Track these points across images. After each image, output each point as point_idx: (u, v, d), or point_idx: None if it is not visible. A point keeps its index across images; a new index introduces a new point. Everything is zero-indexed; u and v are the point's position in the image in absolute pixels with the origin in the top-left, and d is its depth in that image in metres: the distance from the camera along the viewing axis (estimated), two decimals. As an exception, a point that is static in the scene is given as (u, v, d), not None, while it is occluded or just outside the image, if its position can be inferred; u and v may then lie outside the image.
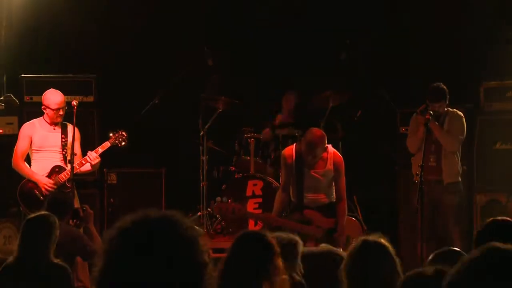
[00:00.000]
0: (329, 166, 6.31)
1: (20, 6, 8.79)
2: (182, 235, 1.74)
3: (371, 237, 3.29)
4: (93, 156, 7.00)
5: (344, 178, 6.37)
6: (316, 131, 6.37)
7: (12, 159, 7.06)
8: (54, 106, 6.99)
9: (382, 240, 3.26)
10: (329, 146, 6.43)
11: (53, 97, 7.04)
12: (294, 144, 6.51)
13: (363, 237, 3.32)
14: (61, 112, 7.01)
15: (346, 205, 6.35)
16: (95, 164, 7.06)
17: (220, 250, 6.36)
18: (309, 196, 6.32)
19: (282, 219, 6.31)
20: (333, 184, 6.36)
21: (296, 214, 6.32)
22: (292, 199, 6.39)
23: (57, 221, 4.61)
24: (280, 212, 6.42)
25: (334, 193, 6.37)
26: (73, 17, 9.00)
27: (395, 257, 3.23)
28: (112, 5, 9.15)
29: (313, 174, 6.31)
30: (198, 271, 1.73)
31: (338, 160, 6.34)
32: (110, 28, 9.09)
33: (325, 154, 6.31)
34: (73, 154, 6.88)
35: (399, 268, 3.21)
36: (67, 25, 8.96)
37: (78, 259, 5.79)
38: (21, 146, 7.07)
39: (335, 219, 6.27)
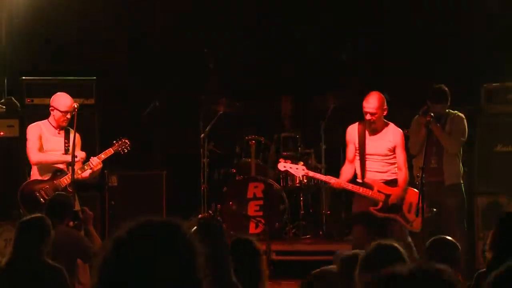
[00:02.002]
0: (389, 138, 6.66)
1: (21, 8, 8.80)
2: (179, 242, 1.73)
3: (385, 241, 3.26)
4: (95, 162, 7.01)
5: (404, 150, 6.72)
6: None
7: (29, 156, 6.96)
8: (63, 108, 6.99)
9: (396, 244, 3.23)
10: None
11: (63, 100, 7.04)
12: (357, 122, 6.81)
13: (377, 241, 3.28)
14: (68, 116, 7.02)
15: (406, 175, 6.67)
16: (96, 170, 7.07)
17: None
18: (371, 169, 6.66)
19: (347, 183, 6.64)
20: (394, 159, 6.69)
21: (359, 182, 6.68)
22: (358, 172, 6.71)
23: (50, 223, 4.60)
24: (346, 181, 6.71)
25: (395, 169, 6.70)
26: (74, 19, 9.01)
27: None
28: (113, 8, 9.15)
29: (375, 146, 6.65)
30: (196, 278, 1.72)
31: (397, 133, 6.71)
32: (111, 30, 9.10)
33: (385, 128, 6.69)
34: (73, 157, 6.88)
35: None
36: (68, 27, 8.97)
37: (79, 261, 5.78)
38: (33, 143, 6.97)
39: (396, 188, 6.64)
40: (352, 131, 6.79)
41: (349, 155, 6.78)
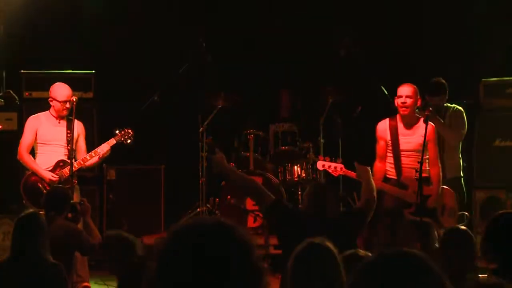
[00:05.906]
0: (421, 132, 6.41)
1: (20, 2, 8.79)
2: (236, 239, 1.73)
3: (317, 239, 3.23)
4: (106, 149, 7.02)
5: (437, 145, 6.54)
6: None
7: (18, 152, 7.04)
8: (61, 98, 7.01)
9: (328, 244, 3.20)
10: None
11: (60, 90, 7.08)
12: (388, 118, 6.67)
13: (309, 240, 3.24)
14: (67, 105, 7.03)
15: (439, 172, 6.48)
16: (104, 156, 7.06)
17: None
18: (407, 165, 6.48)
19: (381, 182, 6.44)
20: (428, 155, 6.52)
21: (393, 180, 6.50)
22: (390, 169, 6.57)
23: (44, 219, 4.60)
24: (380, 180, 6.51)
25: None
26: (72, 13, 9.00)
27: (339, 261, 3.16)
28: (111, 2, 9.14)
29: (408, 141, 6.50)
30: (254, 277, 1.72)
31: (429, 128, 6.47)
32: (109, 24, 9.08)
33: (417, 123, 6.51)
34: (72, 150, 6.88)
35: (342, 274, 3.11)
36: (66, 21, 8.96)
37: (77, 254, 5.79)
38: (26, 139, 7.05)
39: (430, 187, 6.45)
40: (383, 127, 6.63)
41: (380, 152, 6.61)
